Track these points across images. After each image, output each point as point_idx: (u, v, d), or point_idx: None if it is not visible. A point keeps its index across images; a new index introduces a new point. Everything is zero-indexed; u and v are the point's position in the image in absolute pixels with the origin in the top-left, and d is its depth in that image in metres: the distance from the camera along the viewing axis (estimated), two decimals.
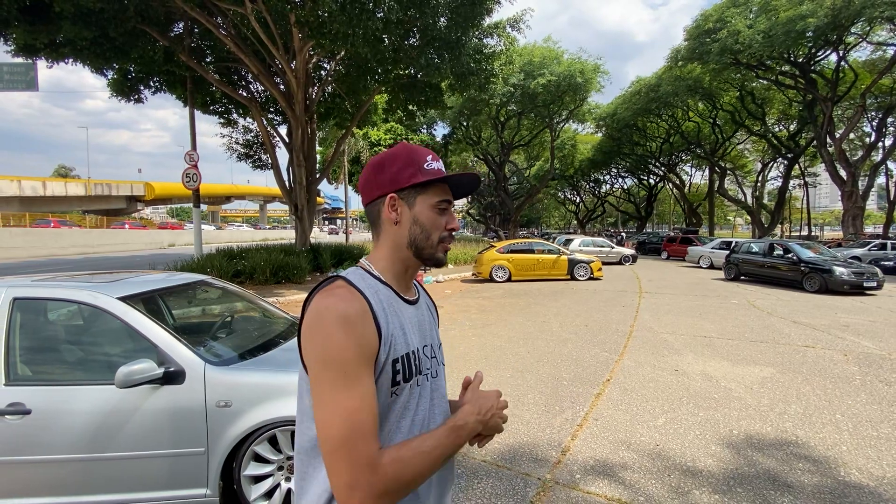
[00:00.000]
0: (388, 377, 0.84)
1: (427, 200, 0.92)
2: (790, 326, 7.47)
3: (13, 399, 2.19)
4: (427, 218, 0.92)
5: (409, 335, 0.90)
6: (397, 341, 0.86)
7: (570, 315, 8.50)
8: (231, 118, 16.29)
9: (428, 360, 0.95)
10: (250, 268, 11.33)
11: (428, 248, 0.93)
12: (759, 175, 36.71)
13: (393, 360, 0.84)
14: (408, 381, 0.87)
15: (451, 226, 0.95)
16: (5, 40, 9.88)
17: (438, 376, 0.99)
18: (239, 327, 3.42)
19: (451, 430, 0.86)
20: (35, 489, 2.25)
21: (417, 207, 0.92)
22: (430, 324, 1.02)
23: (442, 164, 0.95)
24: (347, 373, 0.76)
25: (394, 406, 0.86)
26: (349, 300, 0.81)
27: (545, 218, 72.59)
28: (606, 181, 50.72)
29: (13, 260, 20.07)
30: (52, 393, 2.26)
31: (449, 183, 0.96)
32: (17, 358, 2.34)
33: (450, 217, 0.96)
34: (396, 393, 0.86)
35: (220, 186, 59.29)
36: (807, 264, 11.98)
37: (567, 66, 24.10)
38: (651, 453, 3.24)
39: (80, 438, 2.21)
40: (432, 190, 0.93)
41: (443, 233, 0.94)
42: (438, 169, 0.93)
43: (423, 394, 0.92)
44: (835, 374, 5.00)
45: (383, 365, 0.82)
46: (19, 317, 2.39)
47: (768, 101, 27.85)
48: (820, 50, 21.24)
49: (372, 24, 9.15)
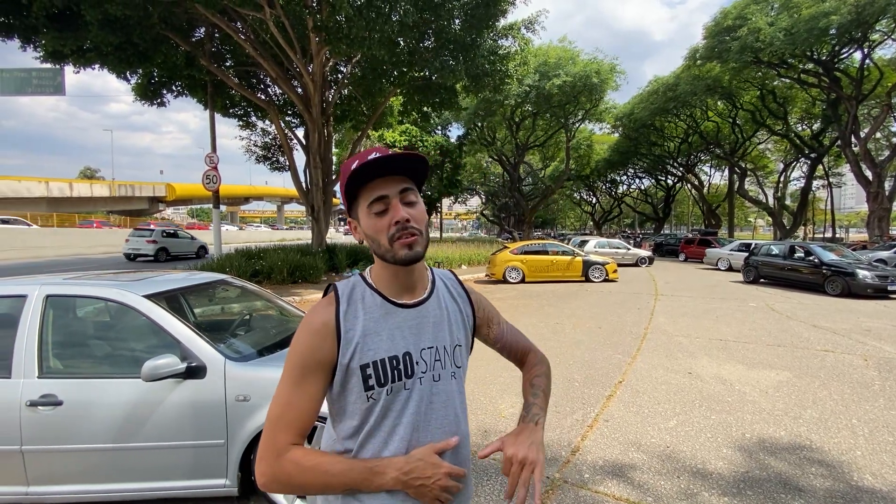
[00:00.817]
0: (359, 381, 0.89)
1: (362, 210, 0.91)
2: (810, 330, 7.33)
3: (46, 391, 2.32)
4: (367, 226, 0.90)
5: (394, 340, 0.91)
6: (369, 347, 0.89)
7: (583, 317, 8.47)
8: (250, 121, 16.65)
9: (427, 364, 0.94)
10: (268, 268, 11.55)
11: (385, 253, 0.90)
12: (781, 175, 35.83)
13: (362, 365, 0.88)
14: (383, 385, 0.89)
15: (394, 220, 0.87)
16: (34, 46, 10.28)
17: (442, 379, 0.96)
18: (257, 325, 3.53)
19: (367, 469, 0.86)
20: (66, 477, 2.37)
21: (361, 220, 0.92)
22: (443, 324, 0.98)
23: (371, 158, 0.85)
24: (293, 372, 0.89)
25: (374, 408, 0.90)
26: (321, 313, 0.91)
27: (560, 219, 72.06)
28: (623, 182, 50.12)
29: (42, 258, 20.79)
30: (82, 385, 2.38)
31: (394, 172, 0.89)
32: (50, 352, 2.47)
33: (393, 212, 0.88)
34: (373, 397, 0.90)
35: (239, 188, 60.43)
36: (829, 267, 11.70)
37: (583, 66, 23.94)
38: (661, 455, 3.24)
39: (108, 429, 2.33)
40: (362, 197, 0.90)
41: (389, 231, 0.88)
42: (354, 169, 0.86)
43: (414, 397, 0.92)
44: (853, 378, 4.91)
45: (347, 369, 0.89)
46: (52, 313, 2.53)
47: (790, 99, 27.20)
48: (844, 47, 20.68)
49: (388, 28, 9.28)
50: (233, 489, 2.42)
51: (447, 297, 1.03)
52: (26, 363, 2.36)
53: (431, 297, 0.99)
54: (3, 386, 2.33)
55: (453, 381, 0.98)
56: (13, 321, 2.46)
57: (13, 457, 2.29)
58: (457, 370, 0.99)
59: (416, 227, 0.88)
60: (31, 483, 2.33)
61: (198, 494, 2.45)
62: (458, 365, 0.99)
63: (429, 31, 11.25)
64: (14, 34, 9.84)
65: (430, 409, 0.93)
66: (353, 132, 18.93)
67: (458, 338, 1.01)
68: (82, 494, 2.38)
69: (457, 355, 0.99)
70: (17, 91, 17.96)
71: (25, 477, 2.32)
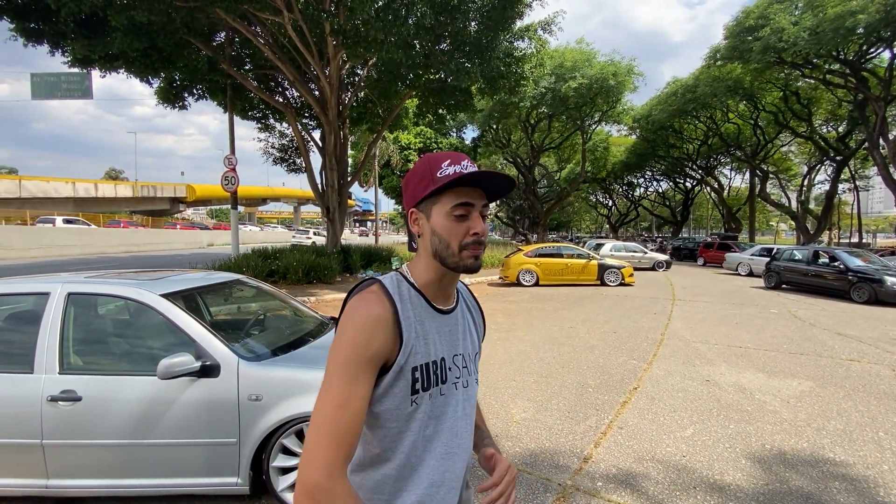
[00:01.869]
0: (408, 384, 0.87)
1: (441, 209, 0.90)
2: (834, 338, 7.10)
3: (66, 387, 2.38)
4: (442, 227, 0.89)
5: (435, 345, 0.92)
6: (418, 350, 0.88)
7: (598, 321, 8.36)
8: (268, 123, 16.89)
9: (459, 370, 0.96)
10: (283, 268, 11.69)
11: (450, 257, 0.90)
12: (805, 178, 34.89)
13: (412, 367, 0.87)
14: (426, 390, 0.89)
15: (473, 230, 0.89)
16: (63, 52, 10.61)
17: (469, 386, 0.99)
18: (271, 325, 3.56)
19: None
20: (84, 471, 2.42)
21: (433, 218, 0.90)
22: (468, 332, 1.02)
23: (467, 165, 0.89)
24: (347, 368, 0.80)
25: (415, 414, 0.88)
26: (375, 304, 0.85)
27: (576, 222, 71.37)
28: (640, 184, 49.41)
29: (66, 257, 21.42)
30: (100, 382, 2.43)
31: (477, 184, 0.91)
32: (71, 349, 2.54)
33: (473, 221, 0.89)
34: (416, 402, 0.88)
35: (257, 189, 61.31)
36: (855, 273, 11.35)
37: (600, 68, 23.69)
38: (676, 465, 3.17)
39: (124, 425, 2.38)
40: (446, 197, 0.89)
41: (465, 239, 0.88)
42: (454, 172, 0.87)
43: (450, 402, 0.94)
44: (880, 390, 4.74)
45: (401, 371, 0.85)
46: (73, 311, 2.59)
47: (815, 100, 26.46)
48: (872, 47, 20.04)
49: (404, 30, 9.33)
50: (244, 488, 2.44)
51: (464, 307, 1.06)
52: (48, 359, 2.43)
53: (458, 306, 1.01)
54: (25, 381, 2.40)
55: (476, 388, 1.03)
56: (36, 318, 2.53)
57: (34, 450, 2.36)
58: (471, 378, 1.02)
59: (484, 242, 0.92)
60: (52, 476, 2.39)
61: (210, 492, 2.48)
62: (473, 373, 1.03)
63: (444, 34, 11.27)
64: (43, 39, 10.17)
65: (464, 414, 0.97)
66: (369, 134, 19.06)
67: (477, 347, 1.06)
68: (99, 489, 2.44)
69: (476, 363, 1.04)
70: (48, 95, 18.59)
71: (46, 470, 2.38)
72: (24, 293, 2.74)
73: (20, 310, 2.81)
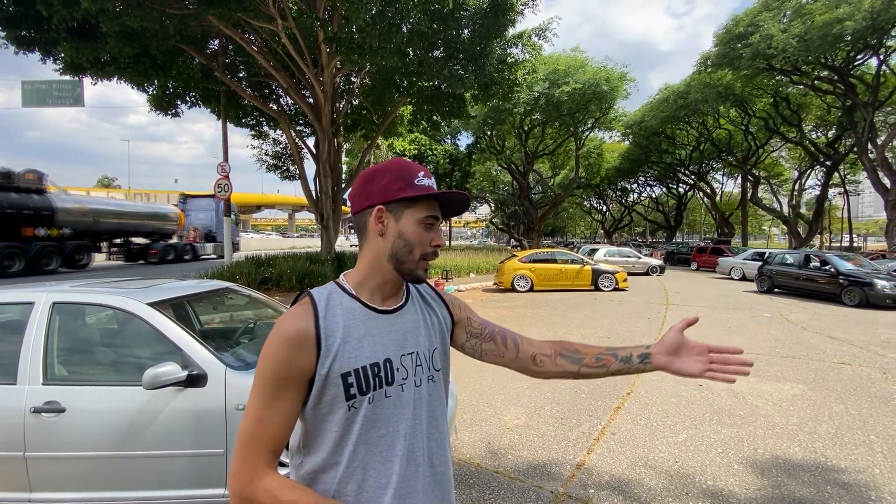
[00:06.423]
0: (340, 391, 0.86)
1: (414, 215, 0.92)
2: (825, 342, 7.14)
3: (50, 398, 2.33)
4: (412, 232, 0.92)
5: (374, 347, 0.91)
6: (347, 355, 0.87)
7: (592, 326, 8.37)
8: (262, 130, 16.89)
9: (409, 370, 0.94)
10: (277, 275, 11.63)
11: (409, 262, 0.93)
12: (796, 183, 35.25)
13: (342, 374, 0.86)
14: (365, 393, 0.88)
15: (435, 242, 0.95)
16: (54, 59, 10.58)
17: (423, 385, 0.97)
18: (261, 333, 3.53)
19: None
20: (67, 484, 2.37)
21: (404, 221, 0.92)
22: (421, 328, 1.00)
23: (434, 181, 0.95)
24: (266, 387, 0.85)
25: (356, 418, 0.87)
26: (299, 318, 0.87)
27: (570, 227, 71.63)
28: (634, 190, 49.73)
29: None
30: (85, 393, 2.39)
31: (439, 201, 0.96)
32: (55, 359, 2.50)
33: (436, 234, 0.95)
34: (354, 406, 0.87)
35: (251, 196, 61.22)
36: (846, 277, 11.44)
37: (592, 73, 23.92)
38: (669, 471, 3.16)
39: (109, 437, 2.33)
40: (420, 205, 0.93)
41: (427, 249, 0.94)
42: (429, 185, 0.93)
43: (399, 404, 0.92)
44: (872, 392, 4.76)
45: (326, 379, 0.86)
46: (58, 320, 2.55)
47: (804, 106, 26.83)
48: (859, 54, 20.39)
49: (399, 38, 9.38)
50: None
51: (421, 302, 1.05)
52: (31, 370, 2.38)
53: (408, 304, 1.01)
54: (8, 392, 2.35)
55: (432, 384, 0.99)
56: (20, 327, 2.48)
57: (17, 462, 2.31)
58: (435, 373, 1.00)
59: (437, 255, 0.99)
60: (34, 489, 2.34)
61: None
62: (436, 368, 1.01)
63: (438, 41, 11.34)
64: (35, 47, 10.15)
65: (415, 413, 0.94)
66: (363, 141, 19.08)
67: (435, 341, 1.02)
68: (83, 502, 2.39)
69: (435, 359, 1.01)
70: (39, 103, 18.50)
71: (28, 483, 2.33)
72: (8, 303, 2.70)
73: (4, 320, 2.76)
